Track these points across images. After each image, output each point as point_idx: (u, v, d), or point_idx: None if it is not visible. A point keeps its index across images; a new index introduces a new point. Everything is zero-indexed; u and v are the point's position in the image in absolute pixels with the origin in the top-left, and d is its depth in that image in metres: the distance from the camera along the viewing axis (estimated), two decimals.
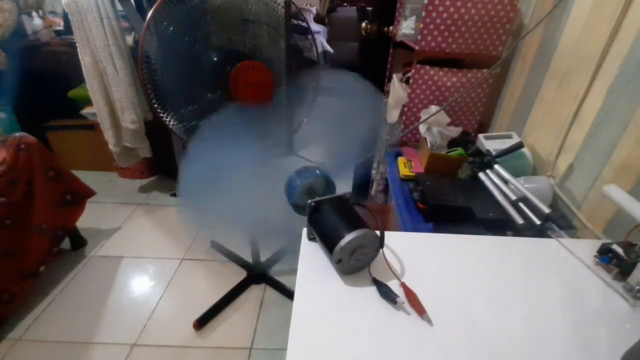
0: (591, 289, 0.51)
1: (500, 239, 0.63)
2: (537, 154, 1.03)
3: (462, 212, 0.85)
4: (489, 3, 1.13)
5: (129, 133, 1.85)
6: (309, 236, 0.56)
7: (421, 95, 1.32)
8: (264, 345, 1.26)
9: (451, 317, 0.44)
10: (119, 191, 2.13)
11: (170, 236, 1.79)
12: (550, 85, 1.01)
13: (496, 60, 1.17)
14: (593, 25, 0.86)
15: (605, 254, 0.54)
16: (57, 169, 1.43)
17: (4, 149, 1.27)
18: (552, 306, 0.47)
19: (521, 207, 0.79)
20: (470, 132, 1.35)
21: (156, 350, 1.23)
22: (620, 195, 0.65)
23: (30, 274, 1.32)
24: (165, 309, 1.38)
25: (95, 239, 1.72)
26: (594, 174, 0.81)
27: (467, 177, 0.99)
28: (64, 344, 1.23)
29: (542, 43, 1.07)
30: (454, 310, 0.45)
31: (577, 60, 0.90)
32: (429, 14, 1.15)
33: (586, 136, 0.85)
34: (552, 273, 0.54)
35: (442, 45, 1.21)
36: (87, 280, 1.50)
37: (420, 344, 0.40)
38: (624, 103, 0.75)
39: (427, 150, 1.11)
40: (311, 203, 0.52)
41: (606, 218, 0.76)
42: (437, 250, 0.57)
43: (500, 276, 0.51)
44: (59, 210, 1.46)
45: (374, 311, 0.44)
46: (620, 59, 0.76)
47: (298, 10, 1.11)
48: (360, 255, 0.47)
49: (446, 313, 0.45)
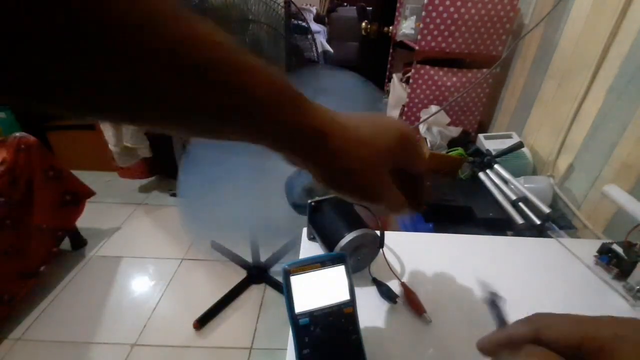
0: (591, 289, 0.51)
1: (500, 238, 0.63)
2: (537, 153, 1.03)
3: (462, 212, 0.85)
4: (489, 3, 1.13)
5: (129, 133, 1.85)
6: (309, 236, 0.56)
7: (421, 95, 1.32)
8: (264, 345, 1.26)
9: (451, 317, 0.44)
10: (118, 191, 2.13)
11: (170, 236, 1.79)
12: (550, 85, 1.01)
13: (496, 60, 1.17)
14: (593, 25, 0.86)
15: (605, 254, 0.54)
16: (57, 169, 1.43)
17: (4, 149, 1.27)
18: (552, 306, 0.47)
19: (521, 207, 0.79)
20: (470, 132, 1.35)
21: (156, 350, 1.23)
22: (620, 195, 0.65)
23: (30, 274, 1.32)
24: (165, 309, 1.38)
25: (95, 239, 1.72)
26: (594, 174, 0.81)
27: (467, 177, 0.99)
28: (64, 344, 1.23)
29: (542, 43, 1.07)
30: (454, 310, 0.45)
31: (577, 60, 0.90)
32: (429, 14, 1.15)
33: (586, 136, 0.85)
34: (552, 273, 0.54)
35: (442, 45, 1.21)
36: (87, 280, 1.50)
37: (420, 344, 0.40)
38: (624, 103, 0.75)
39: (427, 150, 1.11)
40: (311, 203, 0.52)
41: (606, 218, 0.76)
42: (437, 250, 0.57)
43: (500, 276, 0.51)
44: (59, 211, 1.46)
45: (374, 311, 0.44)
46: (620, 59, 0.76)
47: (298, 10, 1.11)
48: (360, 255, 0.48)
49: (446, 313, 0.45)
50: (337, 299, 0.34)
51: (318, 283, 0.34)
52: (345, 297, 0.35)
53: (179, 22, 0.19)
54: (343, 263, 0.35)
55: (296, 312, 0.33)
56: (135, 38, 0.17)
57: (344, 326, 0.34)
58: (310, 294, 0.34)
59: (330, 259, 0.35)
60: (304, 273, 0.34)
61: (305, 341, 0.33)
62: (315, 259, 0.35)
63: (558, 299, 0.49)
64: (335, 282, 0.35)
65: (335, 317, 0.34)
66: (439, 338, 0.40)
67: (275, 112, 0.23)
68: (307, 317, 0.33)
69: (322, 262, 0.35)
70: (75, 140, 2.19)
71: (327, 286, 0.35)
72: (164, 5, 0.18)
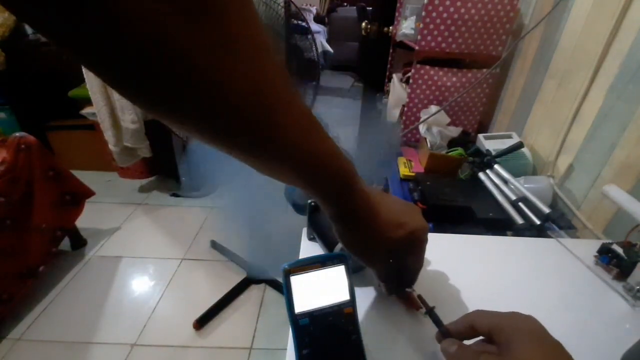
0: (591, 289, 0.51)
1: (500, 238, 0.63)
2: (537, 154, 1.03)
3: (462, 212, 0.85)
4: (489, 3, 1.13)
5: (129, 133, 1.85)
6: (309, 236, 0.56)
7: (421, 95, 1.32)
8: (264, 345, 1.26)
9: (451, 317, 0.44)
10: (118, 191, 2.13)
11: (170, 236, 1.79)
12: (550, 85, 1.01)
13: (496, 60, 1.17)
14: (593, 25, 0.86)
15: (605, 254, 0.54)
16: (57, 169, 1.43)
17: (4, 149, 1.27)
18: (552, 306, 0.47)
19: (521, 207, 0.79)
20: (470, 132, 1.35)
21: (156, 350, 1.23)
22: (620, 195, 0.65)
23: (30, 274, 1.32)
24: (165, 309, 1.38)
25: (95, 239, 1.72)
26: (594, 174, 0.81)
27: (467, 177, 0.99)
28: (64, 344, 1.23)
29: (542, 43, 1.07)
30: (453, 310, 0.45)
31: (577, 60, 0.90)
32: (429, 14, 1.15)
33: (586, 136, 0.85)
34: (552, 273, 0.53)
35: (442, 45, 1.21)
36: (87, 280, 1.50)
37: (421, 343, 0.40)
38: (624, 103, 0.75)
39: (427, 150, 1.11)
40: (311, 203, 0.52)
41: (606, 218, 0.76)
42: (436, 250, 0.57)
43: (500, 276, 0.51)
44: (59, 210, 1.46)
45: (374, 311, 0.44)
46: (620, 58, 0.76)
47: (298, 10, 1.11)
48: None
49: (446, 313, 0.45)
50: (337, 299, 0.34)
51: (318, 283, 0.34)
52: (345, 297, 0.35)
53: (309, 135, 0.27)
54: (343, 263, 0.35)
55: (296, 312, 0.33)
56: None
57: (344, 326, 0.34)
58: (310, 294, 0.34)
59: (330, 259, 0.35)
60: (304, 273, 0.34)
61: (305, 341, 0.33)
62: (315, 259, 0.35)
63: (557, 299, 0.49)
64: (335, 282, 0.35)
65: (335, 317, 0.34)
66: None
67: (347, 194, 0.31)
68: (307, 317, 0.33)
69: (322, 262, 0.35)
70: (75, 140, 2.19)
71: (327, 286, 0.35)
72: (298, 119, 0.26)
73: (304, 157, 0.27)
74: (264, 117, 0.23)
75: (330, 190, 0.30)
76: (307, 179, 0.29)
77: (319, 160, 0.28)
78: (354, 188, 0.31)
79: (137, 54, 0.17)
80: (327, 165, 0.29)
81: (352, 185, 0.31)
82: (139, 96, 0.21)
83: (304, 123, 0.26)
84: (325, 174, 0.29)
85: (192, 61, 0.18)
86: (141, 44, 0.17)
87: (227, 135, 0.24)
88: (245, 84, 0.21)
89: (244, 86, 0.21)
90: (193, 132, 0.24)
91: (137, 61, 0.18)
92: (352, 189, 0.31)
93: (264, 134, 0.24)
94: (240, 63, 0.20)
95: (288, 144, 0.25)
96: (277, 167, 0.28)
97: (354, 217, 0.32)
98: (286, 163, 0.27)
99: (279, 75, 0.23)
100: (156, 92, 0.20)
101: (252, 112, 0.22)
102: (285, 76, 0.24)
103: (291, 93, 0.25)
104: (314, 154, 0.27)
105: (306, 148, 0.27)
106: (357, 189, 0.31)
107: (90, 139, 2.11)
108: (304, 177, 0.29)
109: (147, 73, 0.18)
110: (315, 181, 0.29)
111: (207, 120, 0.22)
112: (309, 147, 0.27)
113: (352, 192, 0.31)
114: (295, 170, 0.28)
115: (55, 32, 0.17)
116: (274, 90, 0.23)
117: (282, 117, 0.24)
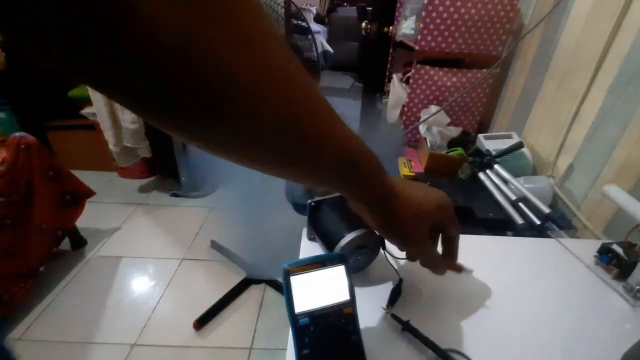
0: (591, 289, 0.51)
1: (500, 238, 0.63)
2: (537, 154, 1.03)
3: (462, 212, 0.85)
4: (489, 3, 1.13)
5: (129, 133, 1.85)
6: (309, 236, 0.55)
7: (421, 95, 1.32)
8: (264, 345, 1.26)
9: (451, 317, 0.44)
10: (118, 191, 2.12)
11: (170, 236, 1.79)
12: (550, 85, 1.01)
13: (496, 60, 1.17)
14: (593, 25, 0.86)
15: (605, 254, 0.54)
16: (57, 169, 1.43)
17: (4, 149, 1.27)
18: (552, 306, 0.47)
19: (521, 207, 0.79)
20: (470, 132, 1.35)
21: (156, 350, 1.23)
22: (620, 195, 0.65)
23: (30, 274, 1.32)
24: (165, 309, 1.38)
25: (95, 239, 1.72)
26: (594, 174, 0.81)
27: (467, 177, 0.99)
28: (64, 344, 1.23)
29: (542, 43, 1.07)
30: (453, 310, 0.45)
31: (577, 60, 0.90)
32: (429, 14, 1.15)
33: (586, 136, 0.85)
34: (552, 273, 0.54)
35: (442, 45, 1.21)
36: (87, 280, 1.50)
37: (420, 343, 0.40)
38: (624, 103, 0.75)
39: (427, 150, 1.11)
40: (311, 203, 0.52)
41: (606, 218, 0.76)
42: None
43: (500, 276, 0.51)
44: (59, 211, 1.46)
45: (374, 311, 0.44)
46: (620, 59, 0.76)
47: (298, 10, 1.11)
48: (360, 255, 0.47)
49: (446, 312, 0.45)
50: (337, 299, 0.34)
51: (318, 283, 0.34)
52: (345, 297, 0.35)
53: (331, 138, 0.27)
54: (343, 263, 0.35)
55: (296, 312, 0.33)
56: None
57: (344, 326, 0.34)
58: (310, 294, 0.34)
59: (330, 259, 0.35)
60: (304, 273, 0.34)
61: (305, 341, 0.33)
62: (315, 259, 0.35)
63: (558, 299, 0.49)
64: (335, 282, 0.35)
65: (335, 317, 0.34)
66: (439, 337, 0.40)
67: (383, 177, 0.33)
68: (307, 317, 0.33)
69: (322, 262, 0.35)
70: (75, 140, 2.19)
71: (327, 286, 0.35)
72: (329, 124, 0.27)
73: (346, 158, 0.29)
74: (313, 132, 0.25)
75: (370, 175, 0.32)
76: (345, 177, 0.30)
77: (358, 157, 0.30)
78: (385, 171, 0.33)
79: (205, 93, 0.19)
80: (365, 157, 0.30)
81: (383, 168, 0.33)
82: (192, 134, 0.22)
83: (338, 127, 0.28)
84: (365, 164, 0.31)
85: (242, 87, 0.20)
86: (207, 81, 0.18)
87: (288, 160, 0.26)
88: (292, 107, 0.23)
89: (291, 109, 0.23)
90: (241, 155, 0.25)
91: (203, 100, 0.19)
92: (385, 171, 0.33)
93: (312, 148, 0.26)
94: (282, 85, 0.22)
95: (332, 152, 0.27)
96: (318, 173, 0.29)
97: (393, 198, 0.34)
98: (327, 168, 0.29)
99: (314, 100, 0.25)
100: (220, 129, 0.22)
101: (304, 129, 0.24)
102: (324, 101, 0.26)
103: (327, 106, 0.26)
104: (353, 153, 0.29)
105: (348, 148, 0.29)
106: (387, 172, 0.34)
107: (90, 139, 2.10)
108: (344, 176, 0.30)
109: (215, 113, 0.20)
110: (353, 173, 0.31)
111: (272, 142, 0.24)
112: (350, 146, 0.29)
113: (385, 174, 0.33)
114: (337, 173, 0.30)
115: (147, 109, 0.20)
116: (314, 108, 0.25)
117: (323, 129, 0.26)
